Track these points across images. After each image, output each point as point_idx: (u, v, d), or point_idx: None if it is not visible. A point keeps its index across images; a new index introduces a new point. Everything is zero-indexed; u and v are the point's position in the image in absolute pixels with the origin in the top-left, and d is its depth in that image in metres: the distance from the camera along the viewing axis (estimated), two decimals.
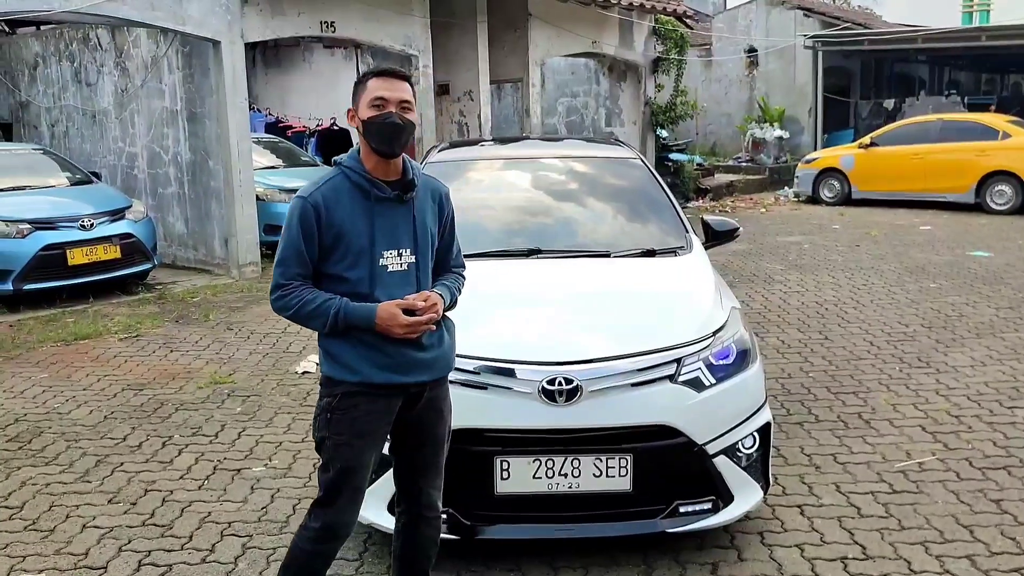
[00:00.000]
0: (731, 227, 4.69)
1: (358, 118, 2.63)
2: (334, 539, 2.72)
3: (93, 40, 10.99)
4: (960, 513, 3.81)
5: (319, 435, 2.69)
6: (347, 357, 2.61)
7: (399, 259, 2.65)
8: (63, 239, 8.14)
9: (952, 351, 6.21)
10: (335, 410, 2.63)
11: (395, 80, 2.63)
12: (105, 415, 5.30)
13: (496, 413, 3.23)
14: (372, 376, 2.61)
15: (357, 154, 2.67)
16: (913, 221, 12.78)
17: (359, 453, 2.66)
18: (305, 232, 2.58)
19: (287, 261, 2.61)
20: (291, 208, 2.62)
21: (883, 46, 19.99)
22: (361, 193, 2.63)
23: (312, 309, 2.57)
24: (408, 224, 2.67)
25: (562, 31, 13.28)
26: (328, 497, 2.68)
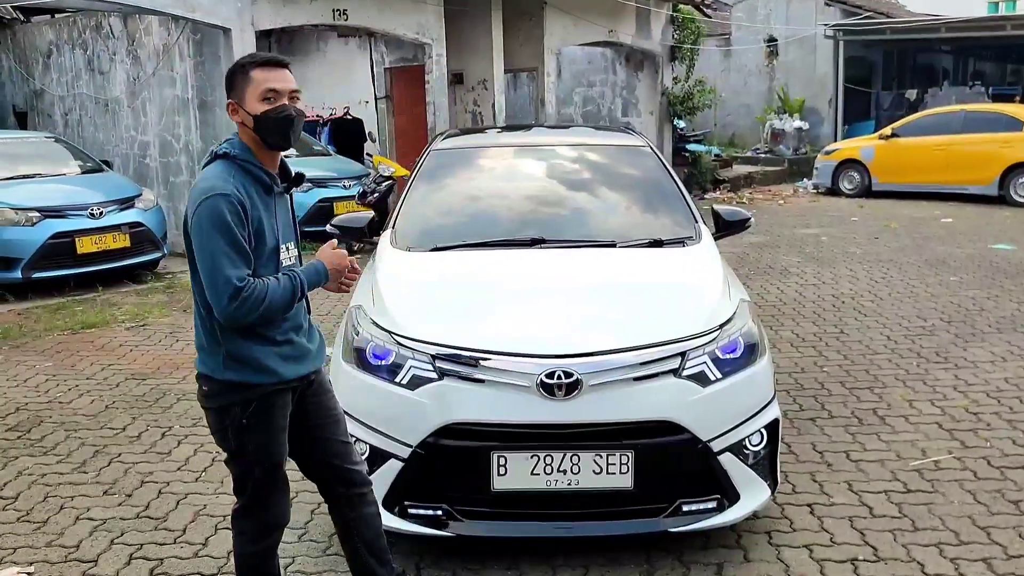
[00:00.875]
0: (742, 217, 4.56)
1: (244, 112, 2.47)
2: (275, 530, 2.73)
3: (105, 28, 10.96)
4: (977, 514, 3.68)
5: (236, 443, 2.58)
6: (262, 358, 2.52)
7: (288, 253, 2.62)
8: (72, 227, 8.12)
9: (972, 346, 6.05)
10: (252, 415, 2.53)
11: (281, 69, 2.51)
12: (106, 404, 5.25)
13: (493, 407, 3.13)
14: (287, 373, 2.57)
15: (245, 146, 2.52)
16: (934, 213, 12.54)
17: (280, 448, 2.63)
18: (239, 228, 2.42)
19: (234, 261, 2.39)
20: (214, 206, 2.38)
21: (906, 35, 19.67)
22: (263, 187, 2.53)
23: (281, 292, 2.47)
24: (289, 217, 2.65)
25: (578, 19, 13.12)
26: (259, 499, 2.66)
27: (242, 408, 2.53)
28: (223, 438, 2.61)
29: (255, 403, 2.53)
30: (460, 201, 4.59)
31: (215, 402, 2.57)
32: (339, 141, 13.74)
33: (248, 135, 2.52)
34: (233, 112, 2.52)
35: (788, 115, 18.93)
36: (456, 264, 3.94)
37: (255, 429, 2.55)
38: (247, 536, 2.69)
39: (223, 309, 2.41)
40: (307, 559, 3.44)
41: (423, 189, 4.58)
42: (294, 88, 2.50)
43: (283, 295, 2.48)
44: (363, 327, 3.47)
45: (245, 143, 2.53)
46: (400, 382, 3.21)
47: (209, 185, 2.44)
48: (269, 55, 2.56)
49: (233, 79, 2.51)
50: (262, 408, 2.54)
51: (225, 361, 2.51)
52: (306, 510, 3.83)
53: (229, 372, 2.52)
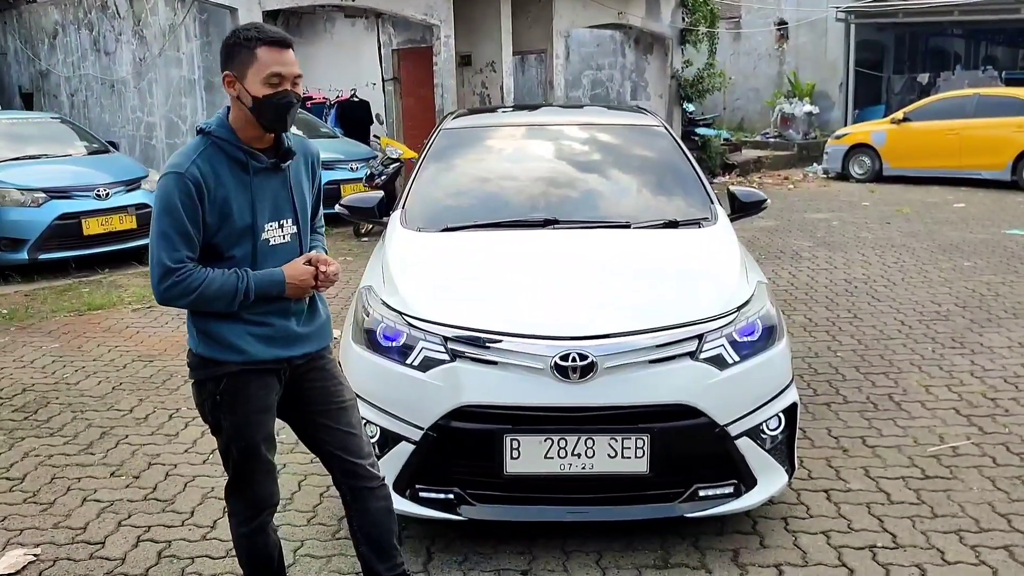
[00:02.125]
0: (759, 198, 4.48)
1: (245, 91, 2.37)
2: (263, 511, 2.66)
3: (111, 8, 10.88)
4: (997, 501, 3.61)
5: (212, 419, 2.54)
6: (230, 336, 2.45)
7: (281, 231, 2.51)
8: (78, 208, 8.08)
9: (987, 331, 5.97)
10: (224, 392, 2.48)
11: (287, 51, 2.41)
12: (113, 386, 5.21)
13: (506, 389, 3.07)
14: (258, 353, 2.47)
15: (226, 122, 2.44)
16: (947, 198, 12.42)
17: (259, 428, 2.54)
18: (188, 210, 2.34)
19: (173, 243, 2.34)
20: (165, 185, 2.35)
21: (918, 19, 19.41)
22: (238, 165, 2.43)
23: (216, 289, 2.37)
24: (286, 193, 2.52)
25: (587, 1, 12.98)
26: (241, 478, 2.60)
27: (214, 384, 2.49)
28: (201, 412, 2.59)
29: (225, 380, 2.47)
30: (471, 181, 4.51)
31: (193, 375, 2.56)
32: (346, 123, 13.66)
33: (241, 112, 2.42)
34: (229, 85, 2.42)
35: (798, 99, 18.75)
36: (467, 245, 3.87)
37: (228, 408, 2.50)
38: (238, 517, 2.65)
39: (154, 288, 2.40)
40: (316, 542, 3.39)
41: (433, 169, 4.50)
42: (297, 73, 2.43)
43: (220, 291, 2.38)
44: (373, 308, 3.41)
45: (230, 119, 2.45)
46: (411, 364, 3.15)
47: (170, 163, 2.40)
48: (276, 32, 2.42)
49: (234, 51, 2.39)
50: (234, 387, 2.48)
51: (199, 335, 2.50)
52: (315, 493, 3.79)
53: (202, 347, 2.49)
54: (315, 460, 4.09)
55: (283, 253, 2.52)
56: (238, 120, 2.44)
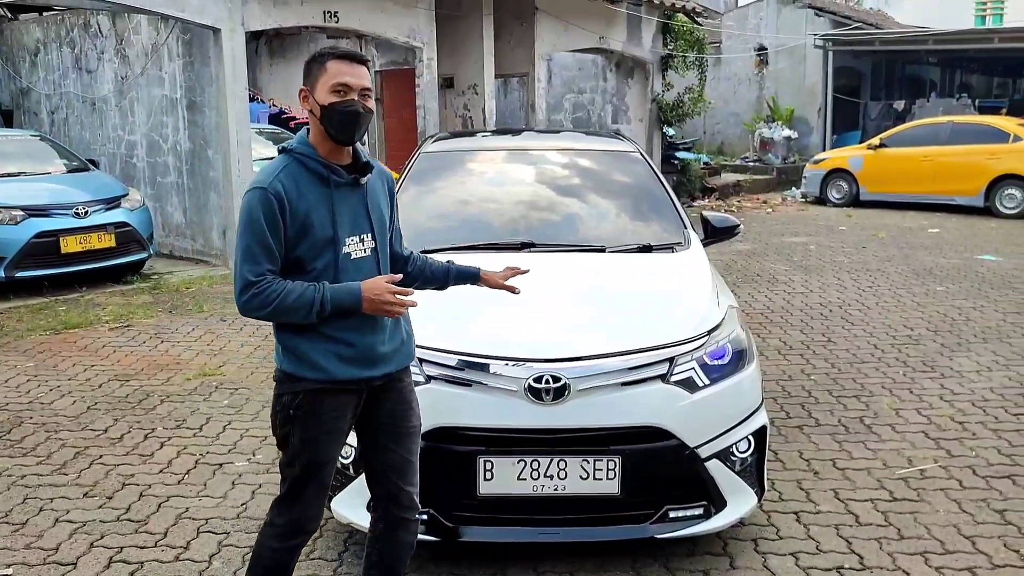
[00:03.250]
0: (731, 224, 4.55)
1: (314, 101, 2.50)
2: (301, 534, 2.64)
3: (94, 26, 10.89)
4: (962, 523, 3.68)
5: (282, 432, 2.58)
6: (311, 353, 2.49)
7: (361, 245, 2.57)
8: (56, 226, 8.04)
9: (957, 356, 6.07)
10: (298, 408, 2.52)
11: (357, 65, 2.51)
12: (88, 406, 5.20)
13: (480, 411, 3.10)
14: (336, 372, 2.51)
15: (307, 139, 2.54)
16: (921, 223, 12.61)
17: (326, 449, 2.57)
18: (270, 224, 2.42)
19: (255, 257, 2.42)
20: (249, 200, 2.44)
21: (894, 47, 19.80)
22: (319, 179, 2.50)
23: (293, 300, 2.40)
24: (364, 208, 2.59)
25: (569, 25, 13.13)
26: (293, 493, 2.59)
27: (290, 398, 2.53)
28: (273, 423, 2.62)
29: (301, 396, 2.51)
30: (449, 204, 4.56)
31: (277, 389, 2.60)
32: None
33: (314, 125, 2.54)
34: (304, 100, 2.55)
35: (777, 124, 19.01)
36: None
37: (300, 424, 2.52)
38: (274, 530, 2.62)
39: (236, 300, 2.45)
40: None
41: (412, 192, 4.55)
42: (366, 86, 2.51)
43: (297, 302, 2.41)
44: None
45: (309, 137, 2.55)
46: None
47: (255, 180, 2.49)
48: (350, 50, 2.56)
49: (309, 67, 2.54)
50: (309, 404, 2.51)
51: (283, 351, 2.55)
52: None
53: (285, 362, 2.55)
54: None
55: (364, 267, 2.56)
56: (316, 136, 2.53)
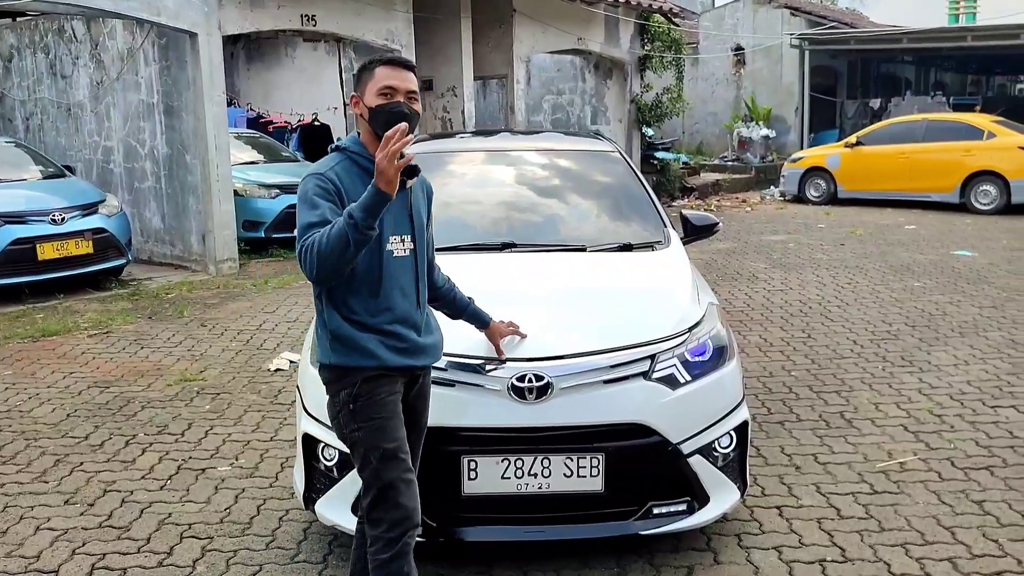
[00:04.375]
0: (710, 222, 4.58)
1: (364, 105, 2.62)
2: (407, 530, 2.57)
3: (68, 32, 10.80)
4: (941, 514, 3.72)
5: (348, 431, 2.60)
6: (363, 342, 2.56)
7: (402, 245, 2.64)
8: (33, 233, 7.97)
9: (935, 350, 6.14)
10: (358, 398, 2.57)
11: (403, 70, 2.62)
12: (68, 413, 5.15)
13: (464, 411, 3.10)
14: (390, 360, 2.58)
15: (359, 140, 2.66)
16: (898, 220, 12.74)
17: (395, 430, 2.60)
18: (328, 202, 2.50)
19: (311, 229, 2.44)
20: (305, 184, 2.56)
21: (869, 46, 20.02)
22: (369, 176, 2.49)
23: (334, 233, 2.37)
24: (406, 210, 2.66)
25: (547, 27, 13.17)
26: (384, 488, 2.55)
27: (348, 393, 2.58)
28: (339, 427, 2.65)
29: (358, 384, 2.56)
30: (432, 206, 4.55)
31: (329, 389, 2.64)
32: (308, 147, 13.65)
33: (363, 127, 2.65)
34: (354, 105, 2.66)
35: (755, 123, 19.15)
36: None
37: (361, 413, 2.56)
38: (380, 542, 2.56)
39: (304, 270, 2.48)
40: (275, 566, 3.39)
41: None
42: (412, 89, 2.61)
43: (335, 232, 2.38)
44: None
45: (361, 138, 2.67)
46: None
47: (310, 169, 2.61)
48: (397, 56, 2.71)
49: (359, 75, 2.66)
50: (367, 392, 2.56)
51: (331, 344, 2.59)
52: (274, 517, 3.78)
53: (334, 355, 2.59)
54: (274, 484, 4.12)
55: (404, 267, 2.64)
56: (366, 137, 2.65)
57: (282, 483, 4.12)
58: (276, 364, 6.02)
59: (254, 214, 10.39)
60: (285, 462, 4.36)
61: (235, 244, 9.61)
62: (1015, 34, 17.35)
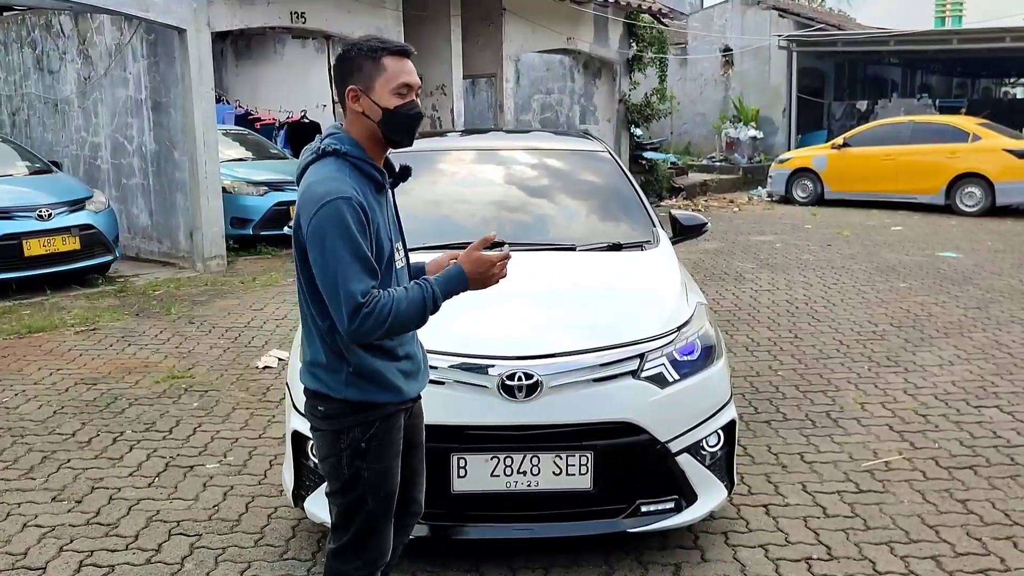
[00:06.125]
0: (699, 222, 4.61)
1: (370, 102, 2.24)
2: (379, 568, 2.45)
3: (56, 27, 10.73)
4: (926, 513, 3.76)
5: (351, 470, 2.32)
6: (387, 374, 2.32)
7: (400, 254, 2.42)
8: (19, 229, 7.91)
9: (920, 350, 6.19)
10: (373, 438, 2.31)
11: (410, 60, 2.30)
12: (55, 410, 5.13)
13: (453, 409, 3.11)
14: (410, 391, 2.40)
15: (356, 142, 2.28)
16: (884, 221, 12.83)
17: (395, 475, 2.41)
18: (363, 234, 2.18)
19: (359, 275, 2.15)
20: (337, 211, 2.15)
21: (856, 47, 20.15)
22: (373, 184, 2.30)
23: (407, 307, 2.20)
24: (394, 215, 2.45)
25: (536, 26, 13.18)
26: (367, 532, 2.38)
27: (362, 430, 2.30)
28: (336, 465, 2.34)
29: (377, 424, 2.31)
30: (419, 204, 4.53)
31: (333, 424, 2.32)
32: (296, 144, 13.61)
33: (365, 127, 2.28)
34: (354, 100, 2.26)
35: (743, 124, 19.23)
36: None
37: (374, 455, 2.32)
38: None
39: (346, 327, 2.17)
40: (264, 563, 3.39)
41: None
42: (420, 84, 2.34)
43: (411, 308, 2.21)
44: None
45: (354, 137, 2.29)
46: None
47: (328, 188, 2.19)
48: (400, 43, 2.31)
49: (357, 64, 2.26)
50: (384, 431, 2.33)
51: (348, 378, 2.29)
52: (263, 514, 3.78)
53: (351, 390, 2.29)
54: (263, 481, 4.12)
55: (403, 278, 2.40)
56: (362, 137, 2.29)
57: (270, 480, 4.12)
58: (264, 361, 6.01)
59: (242, 211, 10.36)
60: (274, 459, 4.35)
61: (223, 241, 9.57)
62: (1000, 37, 17.50)
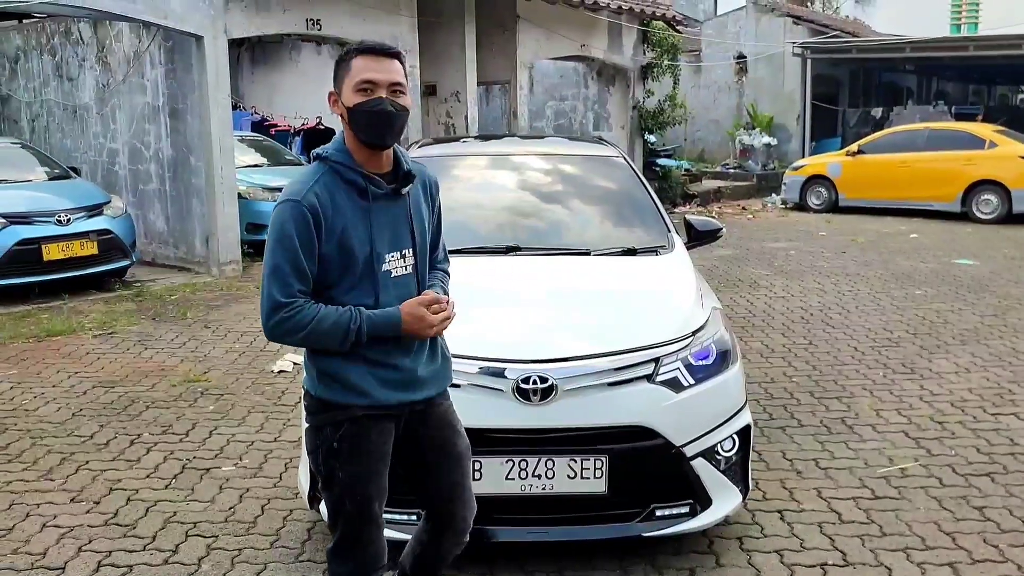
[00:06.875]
0: (714, 227, 4.62)
1: (342, 104, 2.29)
2: (372, 573, 2.46)
3: (75, 34, 10.85)
4: (942, 520, 3.74)
5: (326, 468, 2.38)
6: (352, 377, 2.31)
7: (402, 262, 2.37)
8: (38, 234, 8.00)
9: (936, 357, 6.16)
10: (342, 439, 2.33)
11: (384, 59, 2.28)
12: (73, 412, 5.18)
13: (468, 412, 3.08)
14: (384, 398, 2.35)
15: (343, 145, 2.33)
16: (899, 229, 12.77)
17: (378, 478, 2.40)
18: (304, 241, 2.22)
19: (285, 276, 2.22)
20: (280, 214, 2.24)
21: (871, 54, 20.05)
22: (356, 191, 2.29)
23: (328, 327, 2.23)
24: (406, 221, 2.38)
25: (551, 33, 13.21)
26: (352, 537, 2.41)
27: (332, 429, 2.34)
28: (315, 461, 2.42)
29: (345, 425, 2.32)
30: None
31: (311, 420, 2.42)
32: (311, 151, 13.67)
33: (347, 130, 2.33)
34: (333, 104, 2.34)
35: (757, 131, 19.18)
36: None
37: (347, 456, 2.33)
38: None
39: (263, 323, 2.26)
40: (280, 565, 3.41)
41: None
42: (396, 80, 2.28)
43: (332, 328, 2.24)
44: None
45: (346, 142, 2.34)
46: None
47: (287, 192, 2.29)
48: (377, 43, 2.31)
49: (336, 69, 2.32)
50: (354, 433, 2.33)
51: (318, 376, 2.36)
52: (279, 516, 3.81)
53: (320, 388, 2.36)
54: (278, 484, 4.14)
55: (404, 286, 2.38)
56: (351, 142, 2.33)
57: (286, 483, 4.14)
58: (279, 366, 6.04)
59: (257, 217, 10.41)
60: (289, 462, 4.38)
61: (238, 247, 9.63)
62: (1017, 44, 17.39)
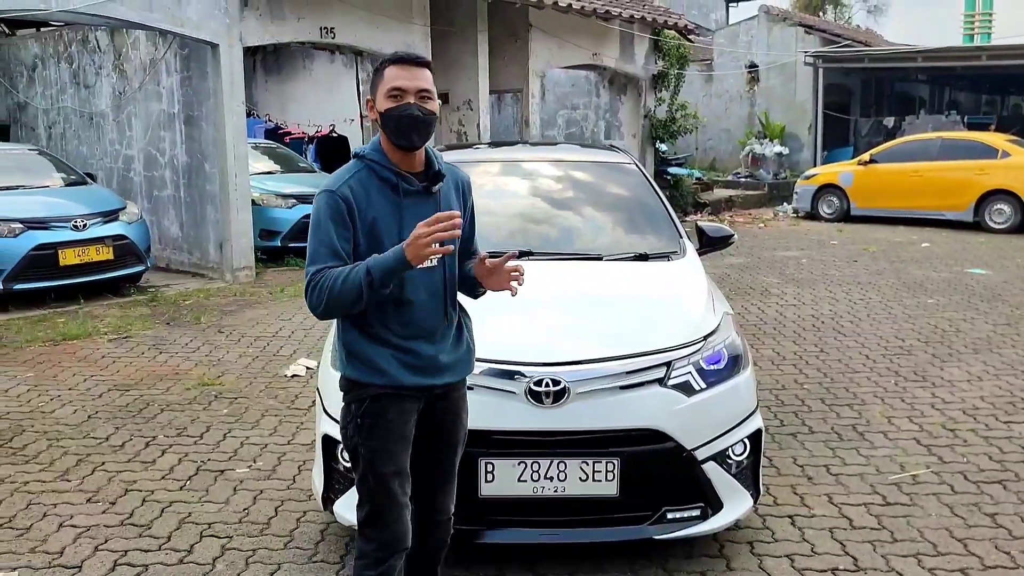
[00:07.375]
0: (726, 234, 4.64)
1: (376, 110, 2.51)
2: (392, 554, 2.55)
3: (92, 42, 10.97)
4: (954, 526, 3.74)
5: (352, 443, 2.56)
6: (377, 359, 2.50)
7: None
8: (55, 239, 8.09)
9: (948, 366, 6.15)
10: (365, 415, 2.51)
11: (414, 68, 2.49)
12: (89, 415, 5.23)
13: (481, 414, 3.13)
14: (402, 378, 2.50)
15: (379, 146, 2.54)
16: (911, 238, 12.74)
17: (396, 457, 2.53)
18: (338, 226, 2.43)
19: (319, 258, 2.42)
20: (318, 203, 2.46)
21: (883, 64, 20.04)
22: (389, 187, 2.50)
23: (343, 282, 2.37)
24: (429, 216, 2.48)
25: (563, 42, 13.28)
26: (375, 512, 2.54)
27: (357, 406, 2.53)
28: (344, 436, 2.61)
29: (367, 402, 2.50)
30: None
31: (344, 398, 2.60)
32: (325, 158, 13.77)
33: (382, 133, 2.54)
34: (370, 109, 2.55)
35: (768, 140, 19.20)
36: None
37: (367, 432, 2.51)
38: (366, 559, 2.54)
39: (307, 297, 2.45)
40: (293, 566, 3.44)
41: None
42: (424, 88, 2.47)
43: (347, 284, 2.37)
44: None
45: (381, 144, 2.55)
46: None
47: (326, 183, 2.51)
48: (408, 53, 2.54)
49: (373, 77, 2.56)
50: (374, 411, 2.50)
51: (347, 357, 2.55)
52: (292, 518, 3.84)
53: (349, 368, 2.55)
54: (292, 486, 4.18)
55: (430, 278, 2.54)
56: (385, 144, 2.54)
57: (299, 485, 4.18)
58: (293, 370, 6.09)
59: (271, 223, 10.50)
60: (302, 465, 4.42)
61: (252, 253, 9.71)
62: None
